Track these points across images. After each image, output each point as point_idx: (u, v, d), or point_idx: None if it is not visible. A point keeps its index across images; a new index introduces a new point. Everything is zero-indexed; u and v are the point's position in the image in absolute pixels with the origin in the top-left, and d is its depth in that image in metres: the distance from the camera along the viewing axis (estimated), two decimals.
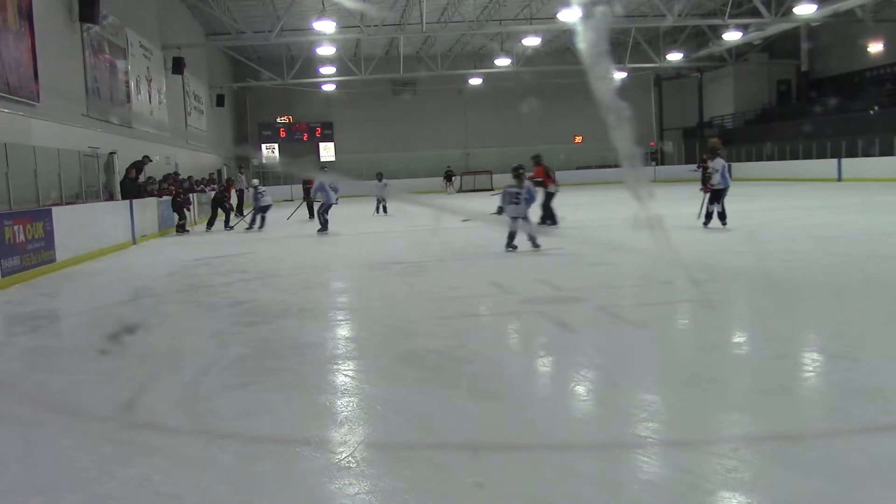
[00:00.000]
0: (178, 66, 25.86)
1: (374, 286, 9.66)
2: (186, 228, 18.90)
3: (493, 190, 38.40)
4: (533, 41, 32.46)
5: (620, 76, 39.98)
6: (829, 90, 35.20)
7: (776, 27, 30.93)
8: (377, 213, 22.46)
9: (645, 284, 8.68)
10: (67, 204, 13.80)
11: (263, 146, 43.15)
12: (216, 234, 18.77)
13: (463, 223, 15.22)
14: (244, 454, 3.80)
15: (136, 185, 17.63)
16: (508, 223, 11.67)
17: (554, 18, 30.24)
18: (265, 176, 38.36)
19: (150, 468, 3.63)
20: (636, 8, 32.13)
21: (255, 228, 18.93)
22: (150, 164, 18.85)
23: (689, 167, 28.93)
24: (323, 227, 16.69)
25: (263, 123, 43.25)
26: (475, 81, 41.52)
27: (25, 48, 14.23)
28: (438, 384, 4.91)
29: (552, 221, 14.78)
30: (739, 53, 39.30)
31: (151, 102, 23.61)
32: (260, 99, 42.51)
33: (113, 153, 17.45)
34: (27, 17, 14.35)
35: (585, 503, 3.20)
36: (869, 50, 33.79)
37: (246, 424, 4.21)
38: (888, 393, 4.28)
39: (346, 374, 5.37)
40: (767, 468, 3.40)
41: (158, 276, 11.21)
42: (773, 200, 21.64)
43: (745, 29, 31.86)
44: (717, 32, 33.80)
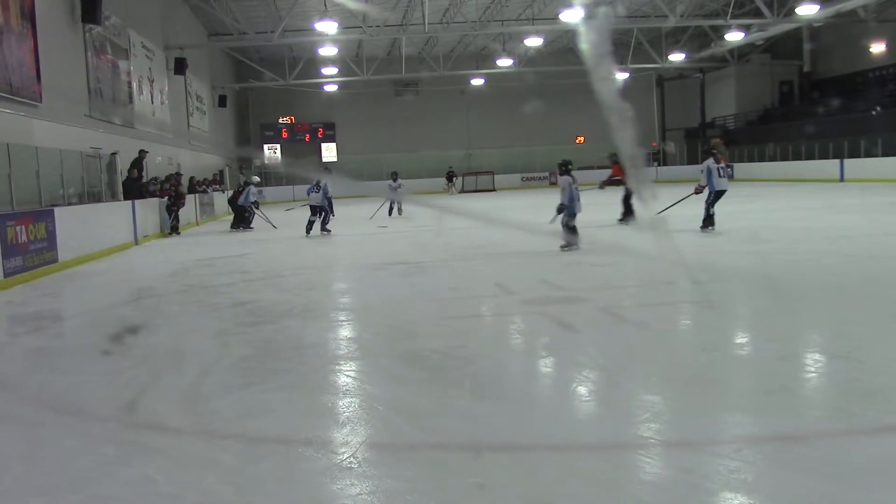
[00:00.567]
0: (180, 66, 25.89)
1: (375, 287, 9.67)
2: (178, 231, 18.81)
3: (495, 189, 38.38)
4: (535, 42, 32.47)
5: (623, 76, 40.03)
6: (831, 91, 35.21)
7: (778, 28, 30.93)
8: (390, 214, 21.41)
9: (646, 285, 8.68)
10: (70, 205, 13.82)
11: (266, 146, 43.18)
12: (220, 234, 18.82)
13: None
14: (246, 455, 3.80)
15: (138, 185, 17.66)
16: (567, 220, 11.52)
17: (556, 19, 30.24)
18: (268, 176, 38.43)
19: (151, 468, 3.63)
20: (639, 8, 32.13)
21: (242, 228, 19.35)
22: (152, 164, 18.80)
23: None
24: (323, 227, 16.62)
25: (265, 124, 43.27)
26: (477, 82, 41.51)
27: (28, 49, 14.25)
28: (440, 385, 4.92)
29: (632, 216, 15.03)
30: (742, 54, 39.29)
31: (154, 103, 23.63)
32: (262, 99, 42.54)
33: (115, 153, 17.47)
34: (30, 17, 14.37)
35: None
36: (871, 50, 33.76)
37: (248, 425, 4.21)
38: (890, 393, 4.29)
39: (348, 374, 5.37)
40: (770, 469, 3.40)
41: (160, 276, 11.21)
42: (775, 201, 21.62)
43: (747, 29, 31.86)
44: (719, 33, 33.81)
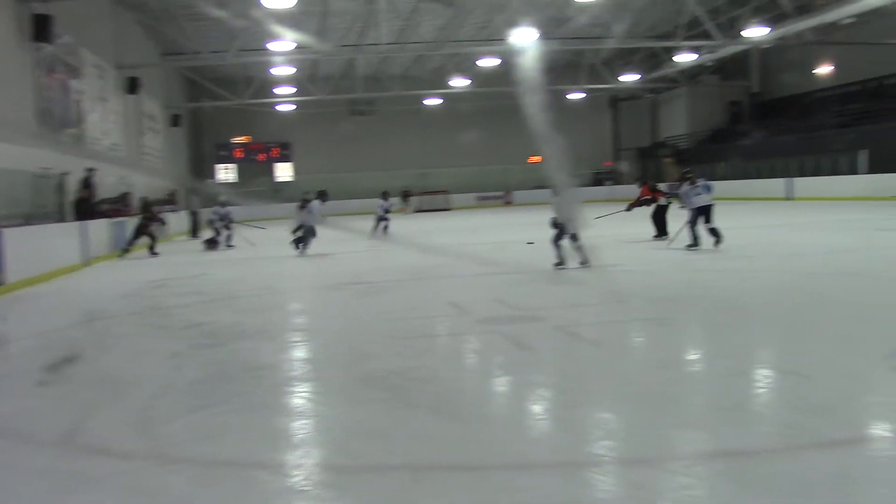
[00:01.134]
0: (132, 85, 25.60)
1: (332, 307, 9.63)
2: (155, 251, 18.40)
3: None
4: (490, 62, 32.69)
5: (577, 97, 40.50)
6: (779, 111, 36.02)
7: (727, 49, 31.57)
8: (376, 232, 20.79)
9: (602, 303, 8.77)
10: (17, 226, 13.52)
11: (219, 167, 42.75)
12: (175, 255, 18.54)
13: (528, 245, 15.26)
14: (199, 478, 3.74)
15: (89, 205, 17.33)
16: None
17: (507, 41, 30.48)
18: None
19: (100, 494, 3.56)
20: (591, 30, 32.58)
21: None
22: (105, 184, 18.45)
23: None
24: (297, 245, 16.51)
25: (220, 144, 42.80)
26: (433, 102, 41.67)
27: None
28: (397, 405, 4.90)
29: (665, 233, 15.22)
30: (693, 75, 40.05)
31: (105, 122, 23.27)
32: (217, 119, 42.08)
33: (65, 174, 17.15)
34: None
35: None
36: (818, 72, 34.66)
37: (201, 448, 4.15)
38: (839, 409, 4.38)
39: (303, 395, 5.33)
40: (721, 484, 3.45)
41: (112, 297, 11.00)
42: (727, 220, 21.95)
43: (697, 51, 32.49)
44: (670, 54, 34.41)
